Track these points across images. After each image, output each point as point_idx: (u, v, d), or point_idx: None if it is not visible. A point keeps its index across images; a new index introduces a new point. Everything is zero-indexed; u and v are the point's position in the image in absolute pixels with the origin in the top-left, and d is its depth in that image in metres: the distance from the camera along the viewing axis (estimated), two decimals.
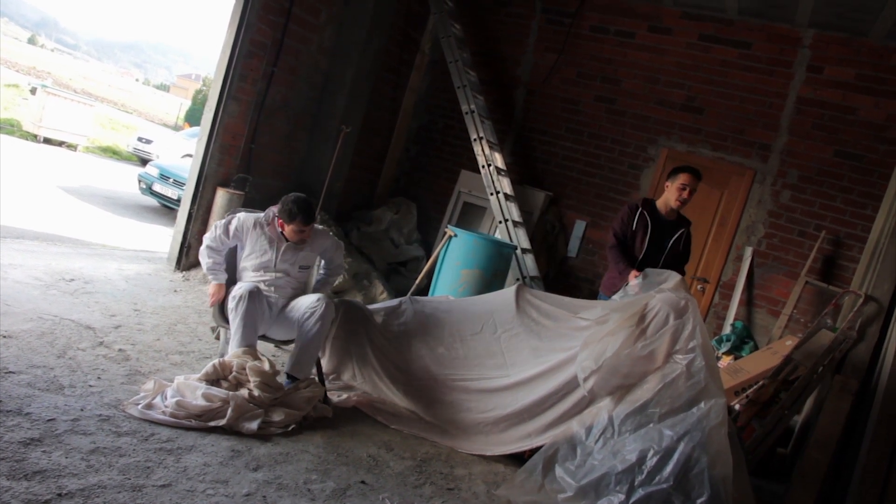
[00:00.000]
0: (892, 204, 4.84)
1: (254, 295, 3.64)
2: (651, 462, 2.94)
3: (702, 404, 3.06)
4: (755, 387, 4.90)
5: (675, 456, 2.91)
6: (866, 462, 3.83)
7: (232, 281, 3.98)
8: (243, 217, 3.95)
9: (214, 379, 3.40)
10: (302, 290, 4.05)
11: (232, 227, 3.91)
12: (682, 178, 4.42)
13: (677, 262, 4.48)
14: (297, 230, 3.86)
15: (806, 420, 4.84)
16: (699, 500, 2.82)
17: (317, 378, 3.84)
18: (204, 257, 3.92)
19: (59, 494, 2.30)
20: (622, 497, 2.92)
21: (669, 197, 4.48)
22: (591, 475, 3.04)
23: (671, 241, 4.50)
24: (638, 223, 4.50)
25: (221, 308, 3.92)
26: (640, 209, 4.52)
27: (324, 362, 4.20)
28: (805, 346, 4.74)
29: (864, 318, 4.47)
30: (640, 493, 2.89)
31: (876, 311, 4.42)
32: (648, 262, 4.38)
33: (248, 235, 3.93)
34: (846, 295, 5.03)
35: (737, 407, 4.70)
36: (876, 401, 4.03)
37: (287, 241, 3.93)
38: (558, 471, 3.18)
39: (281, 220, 3.87)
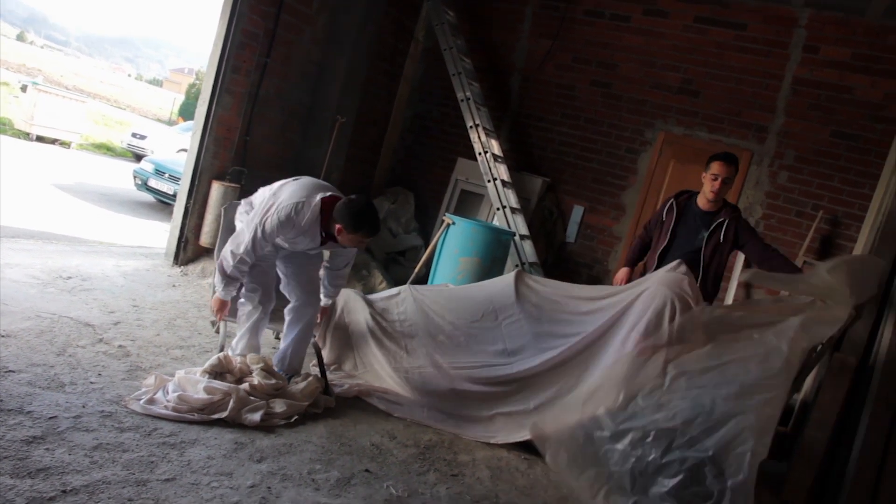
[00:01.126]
0: (889, 182, 4.83)
1: (266, 308, 3.64)
2: (696, 429, 2.87)
3: (765, 394, 2.94)
4: None
5: (723, 431, 2.83)
6: (864, 439, 3.84)
7: None
8: (273, 221, 3.36)
9: (219, 372, 3.40)
10: None
11: (269, 229, 3.37)
12: (713, 168, 4.13)
13: (722, 253, 4.20)
14: (359, 241, 3.47)
15: (805, 398, 4.86)
16: (733, 480, 2.74)
17: (318, 369, 3.84)
18: (227, 270, 3.44)
19: (64, 491, 2.29)
20: (656, 454, 2.87)
21: (705, 188, 4.21)
22: (630, 422, 2.98)
23: (708, 233, 4.20)
24: (666, 214, 4.33)
25: None
26: (671, 200, 4.35)
27: (325, 353, 4.20)
28: None
29: None
30: (675, 454, 2.84)
31: None
32: (674, 255, 4.15)
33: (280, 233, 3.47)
34: None
35: None
36: (874, 378, 4.05)
37: (326, 242, 3.54)
38: (601, 409, 3.12)
39: (341, 226, 3.36)
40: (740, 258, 6.14)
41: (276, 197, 3.44)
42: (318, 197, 3.41)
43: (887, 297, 4.40)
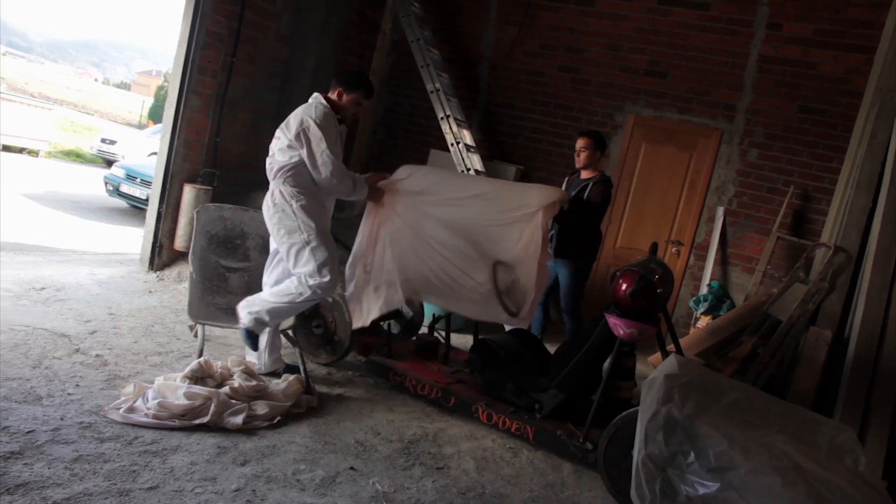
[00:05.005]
0: (855, 155, 4.91)
1: None
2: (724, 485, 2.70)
3: None
4: (735, 344, 4.99)
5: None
6: (843, 408, 3.92)
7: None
8: (320, 112, 3.64)
9: (200, 377, 3.38)
10: None
11: (326, 118, 3.62)
12: (577, 144, 4.81)
13: (581, 210, 4.63)
14: (357, 102, 3.84)
15: (785, 373, 4.94)
16: None
17: (301, 367, 3.84)
18: (340, 175, 3.61)
19: None
20: (673, 449, 2.79)
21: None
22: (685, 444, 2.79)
23: (576, 192, 4.74)
24: (565, 187, 4.91)
25: (199, 303, 3.89)
26: (568, 177, 5.01)
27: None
28: (780, 300, 4.83)
29: (835, 268, 4.55)
30: (685, 469, 2.76)
31: (845, 261, 4.50)
32: (566, 218, 4.50)
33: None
34: (817, 247, 5.12)
35: (718, 365, 4.78)
36: (850, 349, 4.13)
37: (340, 125, 3.77)
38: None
39: (340, 89, 3.75)
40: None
41: (296, 115, 3.70)
42: (315, 94, 3.79)
43: (859, 267, 4.49)
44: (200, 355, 3.65)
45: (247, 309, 3.69)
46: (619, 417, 3.20)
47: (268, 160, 3.75)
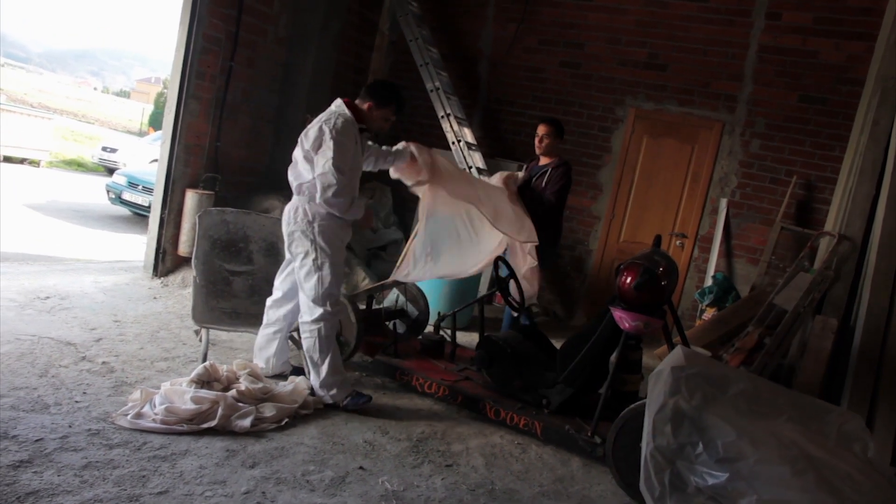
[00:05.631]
0: (857, 143, 4.90)
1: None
2: (731, 478, 2.68)
3: None
4: (741, 335, 4.98)
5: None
6: (851, 396, 3.91)
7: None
8: (339, 122, 3.46)
9: (206, 381, 3.39)
10: None
11: (344, 130, 3.43)
12: (538, 130, 4.95)
13: (540, 195, 4.74)
14: (386, 117, 3.70)
15: (791, 362, 4.93)
16: None
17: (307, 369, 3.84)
18: (346, 194, 3.43)
19: None
20: (681, 440, 2.78)
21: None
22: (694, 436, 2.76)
23: (533, 179, 4.88)
24: (523, 173, 5.03)
25: (203, 307, 3.89)
26: (527, 164, 5.21)
27: None
28: (785, 290, 4.82)
29: (840, 257, 4.53)
30: (693, 460, 2.74)
31: (850, 249, 4.49)
32: (526, 201, 4.63)
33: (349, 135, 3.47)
34: (821, 236, 5.10)
35: (724, 356, 4.77)
36: (856, 337, 4.11)
37: (362, 135, 3.62)
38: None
39: (370, 103, 3.60)
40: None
41: (316, 122, 3.55)
42: (338, 100, 3.63)
43: (864, 255, 4.47)
44: (206, 359, 3.66)
45: (331, 395, 3.61)
46: (627, 410, 3.19)
47: (290, 168, 3.61)
